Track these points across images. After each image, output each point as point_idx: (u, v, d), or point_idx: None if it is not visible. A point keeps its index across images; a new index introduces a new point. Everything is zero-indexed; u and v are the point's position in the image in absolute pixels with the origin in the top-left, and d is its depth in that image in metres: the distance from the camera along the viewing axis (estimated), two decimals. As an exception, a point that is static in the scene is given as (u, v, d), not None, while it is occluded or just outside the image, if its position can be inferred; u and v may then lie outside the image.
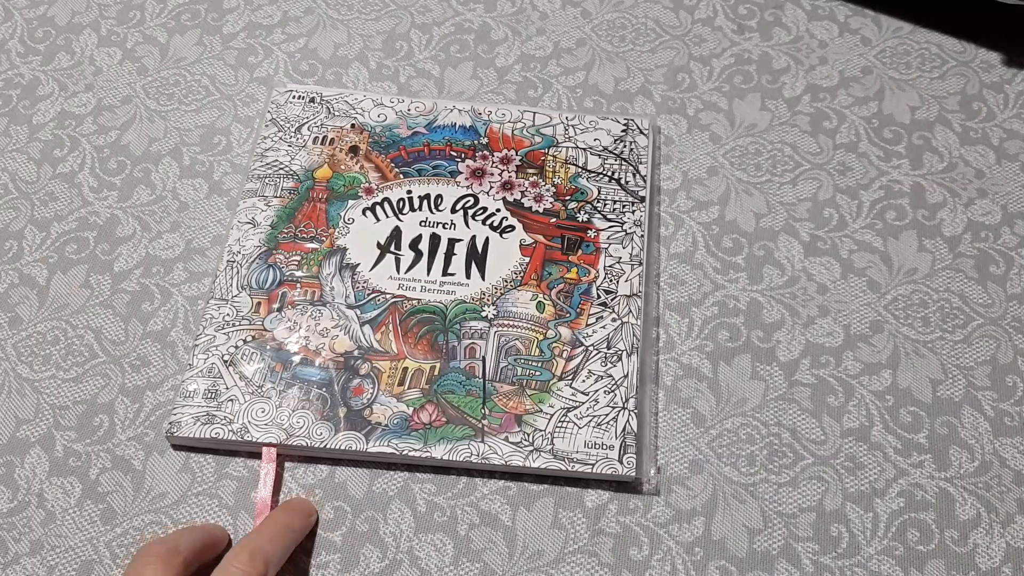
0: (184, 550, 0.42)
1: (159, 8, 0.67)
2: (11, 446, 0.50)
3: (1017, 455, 0.50)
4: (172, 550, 0.41)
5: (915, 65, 0.64)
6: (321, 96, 0.61)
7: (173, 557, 0.41)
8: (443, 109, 0.61)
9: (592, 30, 0.66)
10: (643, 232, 0.56)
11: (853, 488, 0.49)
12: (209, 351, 0.51)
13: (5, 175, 0.59)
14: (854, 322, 0.54)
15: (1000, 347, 0.53)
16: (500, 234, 0.55)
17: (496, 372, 0.51)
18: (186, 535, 0.43)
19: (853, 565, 0.47)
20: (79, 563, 0.46)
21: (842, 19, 0.66)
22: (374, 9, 0.67)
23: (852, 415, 0.51)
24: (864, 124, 0.62)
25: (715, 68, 0.64)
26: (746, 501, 0.49)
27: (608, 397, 0.50)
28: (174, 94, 0.63)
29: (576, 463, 0.48)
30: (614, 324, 0.53)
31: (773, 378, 0.52)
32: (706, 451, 0.50)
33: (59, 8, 0.67)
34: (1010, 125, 0.61)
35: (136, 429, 0.50)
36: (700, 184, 0.59)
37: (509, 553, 0.47)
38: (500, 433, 0.49)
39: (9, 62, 0.64)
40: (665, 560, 0.47)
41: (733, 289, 0.55)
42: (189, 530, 0.44)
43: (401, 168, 0.58)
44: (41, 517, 0.48)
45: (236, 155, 0.60)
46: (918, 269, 0.56)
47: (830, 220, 0.58)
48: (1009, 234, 0.57)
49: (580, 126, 0.60)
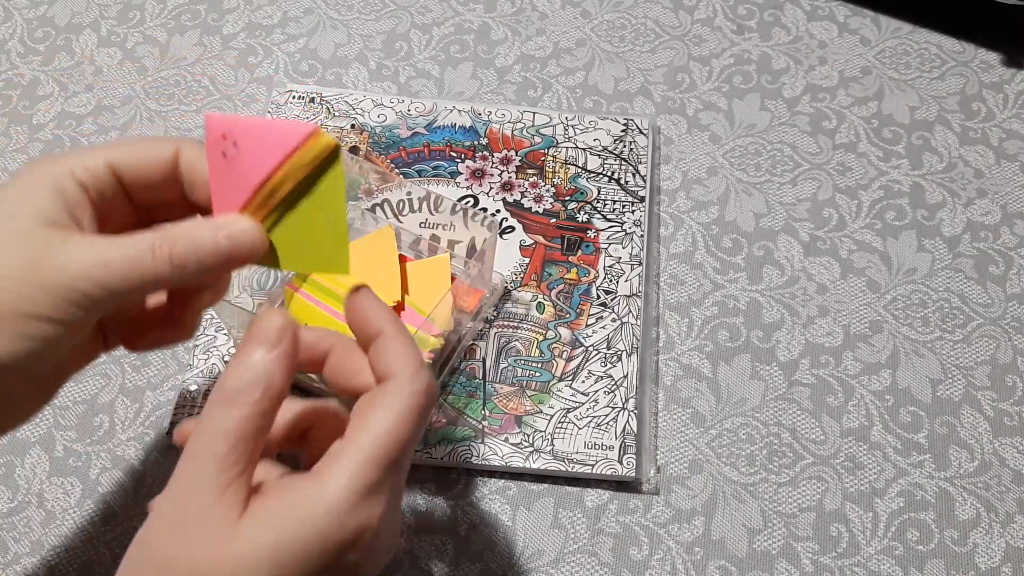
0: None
1: (159, 8, 0.67)
2: (11, 446, 0.50)
3: (1017, 455, 0.50)
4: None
5: (915, 65, 0.64)
6: (321, 96, 0.61)
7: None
8: (443, 109, 0.61)
9: (592, 30, 0.66)
10: (643, 232, 0.56)
11: (853, 488, 0.49)
12: (209, 351, 0.51)
13: (5, 175, 0.59)
14: (854, 322, 0.54)
15: (1000, 347, 0.53)
16: (500, 235, 0.55)
17: (496, 373, 0.51)
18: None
19: (853, 565, 0.47)
20: (79, 563, 0.46)
21: (842, 19, 0.66)
22: (374, 9, 0.67)
23: (852, 415, 0.51)
24: (864, 124, 0.62)
25: (715, 68, 0.64)
26: (746, 501, 0.49)
27: (608, 397, 0.50)
28: (174, 94, 0.63)
29: (576, 463, 0.48)
30: (614, 324, 0.53)
31: (773, 378, 0.52)
32: (706, 451, 0.50)
33: (59, 8, 0.67)
34: (1009, 125, 0.62)
35: (136, 429, 0.50)
36: (700, 184, 0.59)
37: (509, 553, 0.47)
38: (500, 434, 0.49)
39: (9, 62, 0.64)
40: (665, 560, 0.47)
41: (733, 289, 0.55)
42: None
43: (401, 169, 0.58)
44: (41, 517, 0.48)
45: (236, 155, 0.60)
46: (918, 269, 0.56)
47: (830, 220, 0.58)
48: (1008, 234, 0.57)
49: (580, 126, 0.60)
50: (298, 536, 0.28)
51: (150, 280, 0.32)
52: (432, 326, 0.48)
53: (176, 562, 0.28)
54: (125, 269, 0.31)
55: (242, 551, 0.28)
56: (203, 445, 0.29)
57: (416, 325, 0.48)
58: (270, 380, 0.30)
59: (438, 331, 0.49)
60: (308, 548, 0.28)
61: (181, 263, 0.32)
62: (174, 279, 0.32)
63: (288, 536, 0.28)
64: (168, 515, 0.29)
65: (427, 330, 0.48)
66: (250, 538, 0.28)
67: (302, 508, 0.29)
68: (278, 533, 0.28)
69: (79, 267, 0.31)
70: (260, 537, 0.28)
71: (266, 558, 0.28)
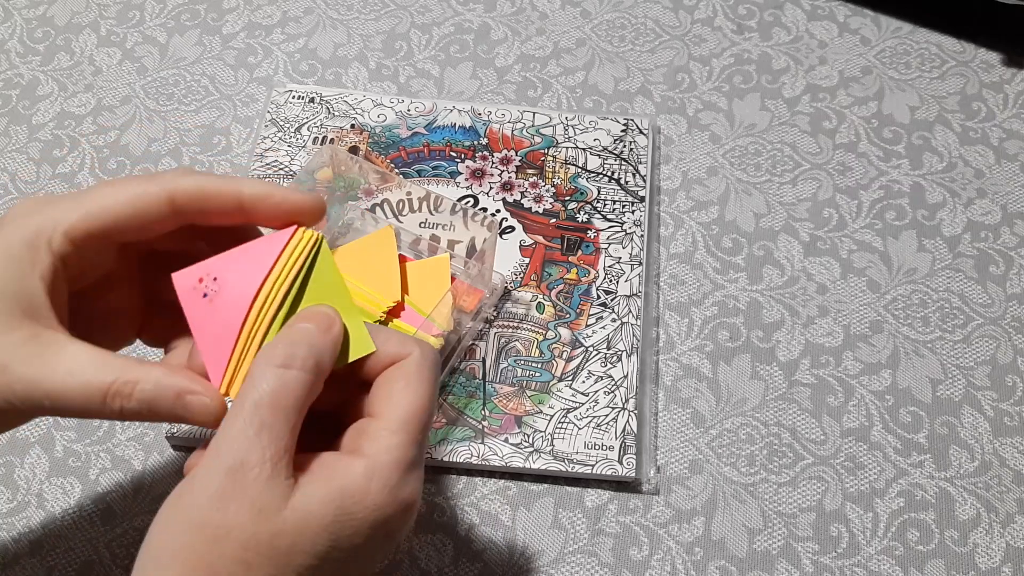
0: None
1: (159, 8, 0.67)
2: (11, 446, 0.50)
3: (1017, 455, 0.50)
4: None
5: (915, 65, 0.64)
6: (321, 96, 0.61)
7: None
8: (443, 109, 0.61)
9: (592, 30, 0.66)
10: (643, 232, 0.56)
11: (853, 488, 0.49)
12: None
13: (5, 175, 0.59)
14: (854, 322, 0.54)
15: (1000, 347, 0.53)
16: (500, 235, 0.55)
17: (496, 373, 0.51)
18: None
19: (853, 565, 0.47)
20: (79, 563, 0.46)
21: (842, 19, 0.66)
22: (374, 9, 0.67)
23: (852, 415, 0.51)
24: (864, 124, 0.62)
25: (715, 68, 0.64)
26: (746, 501, 0.49)
27: (608, 398, 0.50)
28: (174, 94, 0.63)
29: (576, 464, 0.48)
30: (614, 324, 0.53)
31: (773, 378, 0.52)
32: (706, 451, 0.50)
33: (59, 8, 0.67)
34: (1010, 125, 0.61)
35: (136, 429, 0.50)
36: (700, 184, 0.59)
37: (509, 553, 0.47)
38: (500, 434, 0.49)
39: (9, 62, 0.64)
40: (665, 560, 0.47)
41: (733, 289, 0.55)
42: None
43: (401, 169, 0.58)
44: (41, 517, 0.48)
45: (236, 155, 0.60)
46: (918, 269, 0.56)
47: (830, 220, 0.58)
48: (1009, 234, 0.57)
49: (580, 126, 0.60)
50: (356, 514, 0.29)
51: (87, 415, 0.32)
52: (432, 326, 0.48)
53: (229, 531, 0.28)
54: (74, 403, 0.32)
55: (301, 522, 0.29)
56: (254, 408, 0.29)
57: (416, 325, 0.48)
58: (321, 359, 0.31)
59: (438, 331, 0.49)
60: (364, 523, 0.29)
61: (130, 415, 0.32)
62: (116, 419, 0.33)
63: (347, 513, 0.29)
64: (218, 482, 0.29)
65: (427, 330, 0.48)
66: (307, 511, 0.29)
67: (359, 488, 0.30)
68: (337, 510, 0.29)
69: (37, 387, 0.31)
70: (318, 509, 0.29)
71: (324, 529, 0.29)
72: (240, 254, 0.34)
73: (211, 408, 0.33)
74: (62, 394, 0.32)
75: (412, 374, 0.32)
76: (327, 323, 0.32)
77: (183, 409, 0.33)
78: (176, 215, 0.34)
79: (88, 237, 0.33)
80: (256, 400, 0.30)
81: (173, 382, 0.32)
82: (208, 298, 0.33)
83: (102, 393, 0.32)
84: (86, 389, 0.32)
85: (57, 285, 0.33)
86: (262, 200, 0.34)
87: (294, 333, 0.31)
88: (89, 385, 0.32)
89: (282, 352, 0.30)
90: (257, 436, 0.29)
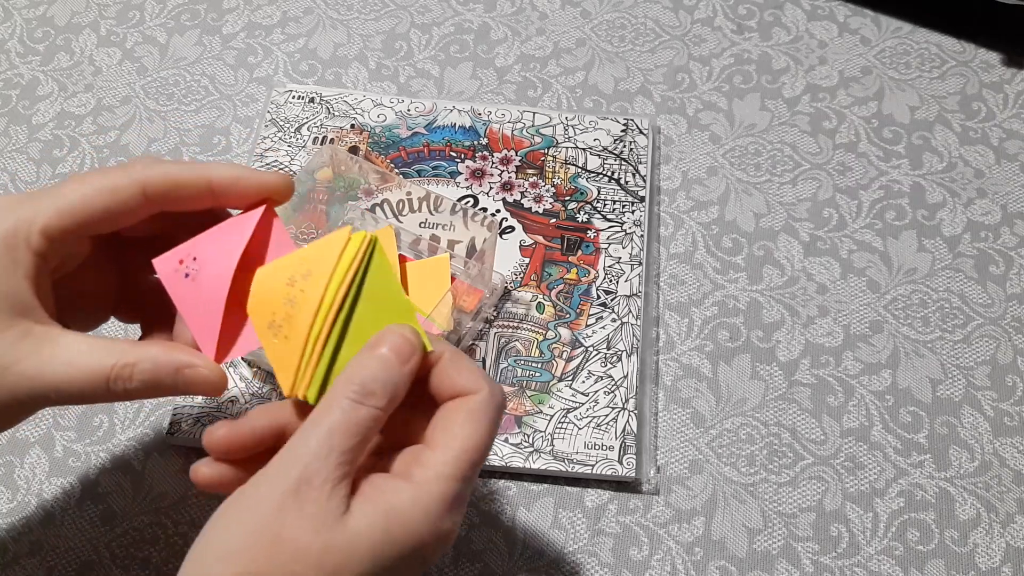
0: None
1: (159, 8, 0.67)
2: (11, 446, 0.50)
3: (1017, 455, 0.50)
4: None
5: (915, 65, 0.64)
6: (321, 96, 0.61)
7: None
8: (443, 109, 0.61)
9: (592, 30, 0.66)
10: (643, 232, 0.56)
11: (853, 488, 0.49)
12: (209, 351, 0.51)
13: (5, 175, 0.59)
14: (854, 322, 0.54)
15: (1000, 347, 0.53)
16: (500, 235, 0.55)
17: (496, 373, 0.51)
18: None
19: (853, 565, 0.47)
20: (79, 564, 0.46)
21: (842, 19, 0.66)
22: (374, 9, 0.67)
23: (852, 415, 0.51)
24: (864, 124, 0.62)
25: (715, 68, 0.64)
26: (746, 501, 0.49)
27: (608, 398, 0.50)
28: (174, 94, 0.63)
29: (576, 464, 0.48)
30: (614, 324, 0.53)
31: (773, 378, 0.52)
32: (706, 451, 0.50)
33: (59, 8, 0.67)
34: (1010, 125, 0.61)
35: (136, 429, 0.50)
36: (700, 184, 0.59)
37: (509, 553, 0.47)
38: (500, 434, 0.49)
39: (9, 62, 0.64)
40: (665, 560, 0.47)
41: (733, 289, 0.55)
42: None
43: (401, 169, 0.58)
44: (41, 517, 0.48)
45: (236, 155, 0.60)
46: (918, 269, 0.56)
47: (830, 220, 0.58)
48: (1009, 234, 0.57)
49: (580, 126, 0.60)
50: (398, 538, 0.30)
51: (91, 401, 0.34)
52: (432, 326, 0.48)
53: (284, 541, 0.29)
54: (78, 390, 0.33)
55: (350, 542, 0.30)
56: (327, 433, 0.31)
57: None
58: (396, 392, 0.32)
59: (438, 331, 0.49)
60: (404, 548, 0.30)
61: (134, 395, 0.34)
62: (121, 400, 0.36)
63: (391, 536, 0.30)
64: (281, 493, 0.30)
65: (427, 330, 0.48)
66: (357, 532, 0.30)
67: (404, 513, 0.31)
68: (383, 533, 0.30)
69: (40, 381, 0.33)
70: (366, 531, 0.30)
71: (369, 551, 0.30)
72: (216, 233, 0.36)
73: (210, 378, 0.34)
74: (67, 385, 0.33)
75: (476, 411, 0.32)
76: (408, 353, 0.32)
77: (183, 383, 0.34)
78: (149, 204, 0.35)
79: (64, 233, 0.34)
80: (331, 427, 0.31)
81: (171, 358, 0.34)
82: (190, 277, 0.35)
83: (104, 378, 0.33)
84: (89, 376, 0.33)
85: (41, 280, 0.34)
86: (232, 184, 0.36)
87: (375, 362, 0.32)
88: (91, 372, 0.33)
89: (360, 383, 0.31)
90: (326, 458, 0.30)
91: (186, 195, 0.36)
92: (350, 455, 0.31)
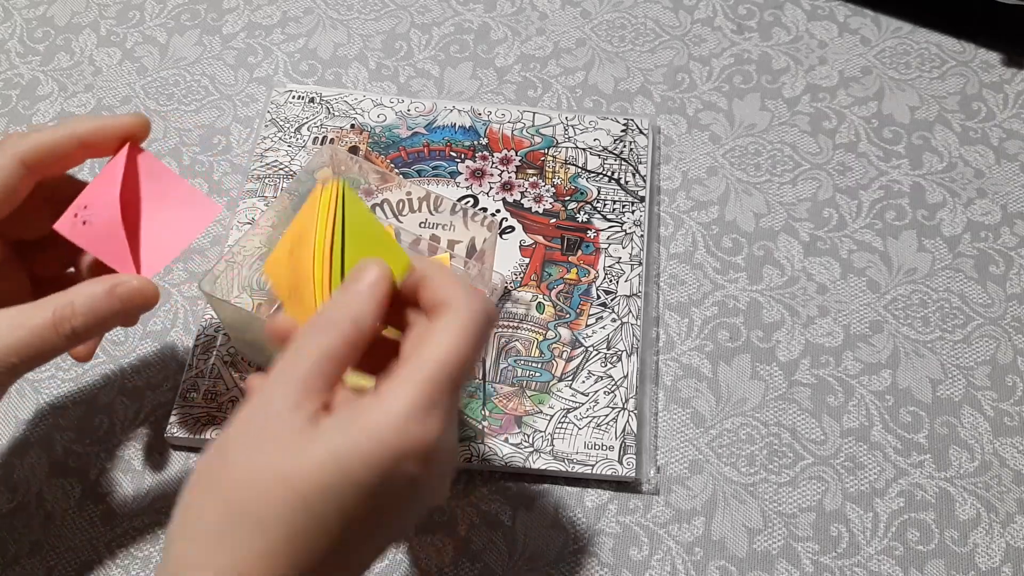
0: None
1: (159, 8, 0.67)
2: (11, 446, 0.50)
3: (1017, 455, 0.50)
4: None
5: (915, 65, 0.64)
6: (321, 96, 0.61)
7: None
8: (443, 109, 0.61)
9: (592, 30, 0.66)
10: (643, 232, 0.56)
11: (853, 488, 0.49)
12: (208, 351, 0.51)
13: (5, 175, 0.59)
14: (854, 322, 0.54)
15: (1000, 347, 0.53)
16: (500, 235, 0.55)
17: (496, 373, 0.51)
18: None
19: (853, 565, 0.47)
20: (79, 564, 0.46)
21: (842, 19, 0.66)
22: (374, 9, 0.67)
23: (852, 415, 0.51)
24: (864, 124, 0.62)
25: (715, 68, 0.64)
26: (746, 501, 0.49)
27: (608, 398, 0.50)
28: (174, 94, 0.63)
29: (576, 464, 0.48)
30: (614, 324, 0.53)
31: (773, 378, 0.52)
32: (706, 451, 0.50)
33: (59, 8, 0.67)
34: (1010, 125, 0.61)
35: (136, 429, 0.50)
36: (700, 184, 0.59)
37: (509, 553, 0.47)
38: (500, 434, 0.49)
39: (9, 62, 0.64)
40: (665, 560, 0.47)
41: (733, 289, 0.55)
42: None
43: (401, 169, 0.58)
44: (41, 517, 0.48)
45: (236, 155, 0.60)
46: (918, 269, 0.56)
47: (830, 220, 0.58)
48: (1009, 234, 0.57)
49: (580, 126, 0.60)
50: (360, 444, 0.30)
51: (51, 353, 0.37)
52: None
53: (255, 473, 0.30)
54: (28, 348, 0.36)
55: (314, 458, 0.30)
56: (288, 364, 0.32)
57: None
58: (360, 314, 0.32)
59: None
60: (370, 455, 0.30)
61: (83, 333, 0.37)
62: (73, 346, 0.38)
63: (351, 443, 0.30)
64: (246, 429, 0.31)
65: None
66: (322, 446, 0.30)
67: (365, 419, 0.30)
68: (343, 440, 0.30)
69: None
70: (329, 444, 0.30)
71: (333, 464, 0.29)
72: (96, 182, 0.40)
73: (142, 288, 0.38)
74: (22, 344, 0.36)
75: (451, 322, 0.32)
76: (370, 280, 0.33)
77: (120, 300, 0.38)
78: (31, 173, 0.39)
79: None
80: (291, 356, 0.32)
81: (99, 285, 0.38)
82: (88, 223, 0.39)
83: (51, 324, 0.37)
84: (35, 329, 0.36)
85: None
86: (97, 132, 0.39)
87: (337, 299, 0.33)
88: (35, 325, 0.37)
89: (319, 314, 0.33)
90: (287, 385, 0.31)
91: (62, 153, 0.39)
92: (313, 377, 0.31)
